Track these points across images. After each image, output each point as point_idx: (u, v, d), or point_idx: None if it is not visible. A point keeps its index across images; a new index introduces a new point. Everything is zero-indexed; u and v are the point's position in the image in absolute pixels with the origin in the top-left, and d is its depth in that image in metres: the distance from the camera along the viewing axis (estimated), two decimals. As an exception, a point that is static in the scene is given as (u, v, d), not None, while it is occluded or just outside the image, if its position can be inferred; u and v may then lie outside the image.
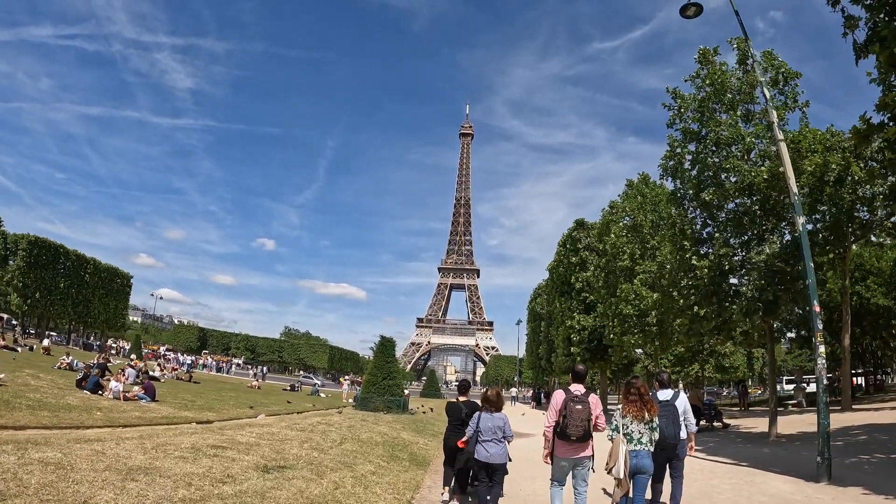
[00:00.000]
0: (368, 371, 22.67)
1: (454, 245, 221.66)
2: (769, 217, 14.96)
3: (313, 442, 10.00)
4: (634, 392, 6.00)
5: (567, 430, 5.57)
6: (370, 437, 11.74)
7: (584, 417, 5.58)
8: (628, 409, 5.96)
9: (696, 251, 15.72)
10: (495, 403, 6.60)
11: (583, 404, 5.61)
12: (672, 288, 16.52)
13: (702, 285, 14.95)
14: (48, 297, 57.92)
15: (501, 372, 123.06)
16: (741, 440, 16.32)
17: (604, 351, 31.90)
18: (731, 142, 15.68)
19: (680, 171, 18.08)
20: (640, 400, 5.95)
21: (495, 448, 6.30)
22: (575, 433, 5.56)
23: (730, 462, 11.87)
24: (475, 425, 6.47)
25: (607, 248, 23.65)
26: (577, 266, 32.52)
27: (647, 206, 23.43)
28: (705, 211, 16.45)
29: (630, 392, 6.05)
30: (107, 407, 14.79)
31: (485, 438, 6.33)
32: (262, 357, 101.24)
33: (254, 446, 8.81)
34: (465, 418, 7.24)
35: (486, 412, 6.52)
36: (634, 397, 5.98)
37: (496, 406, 6.60)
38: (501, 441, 6.36)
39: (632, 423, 5.88)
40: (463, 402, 7.77)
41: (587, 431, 5.62)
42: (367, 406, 20.22)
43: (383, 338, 22.38)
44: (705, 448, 14.71)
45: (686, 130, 17.73)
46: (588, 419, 5.61)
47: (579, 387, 5.90)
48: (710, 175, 16.40)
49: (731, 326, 15.09)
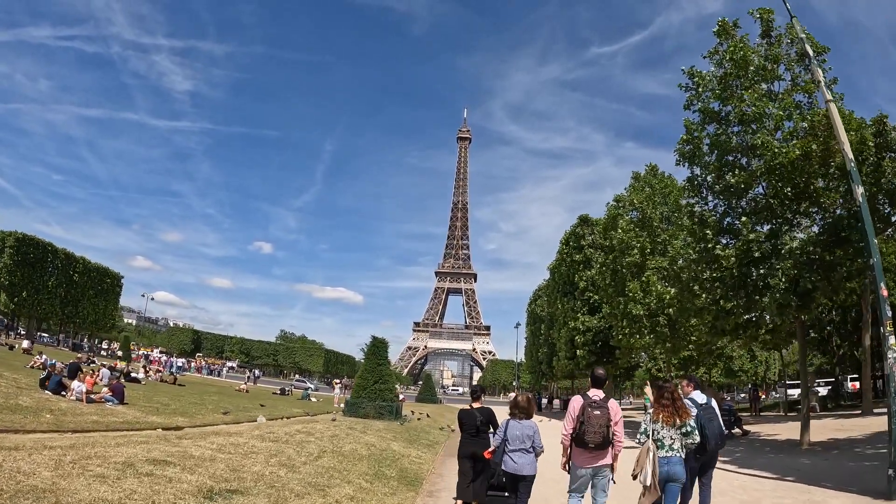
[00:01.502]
0: (359, 374, 20.77)
1: (451, 249, 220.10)
2: (801, 200, 13.48)
3: (284, 456, 8.41)
4: (667, 396, 5.64)
5: (584, 436, 5.30)
6: (354, 450, 10.13)
7: (603, 424, 5.29)
8: (660, 414, 5.60)
9: (719, 240, 14.21)
10: (526, 410, 6.12)
11: (601, 410, 5.34)
12: (692, 282, 15.00)
13: (727, 277, 13.42)
14: (35, 297, 56.24)
15: (499, 376, 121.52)
16: (770, 449, 14.78)
17: (610, 353, 30.35)
18: (758, 118, 14.24)
19: (698, 155, 16.67)
20: (673, 404, 5.59)
21: (524, 458, 5.87)
22: (593, 440, 5.28)
23: (771, 476, 10.31)
24: (503, 433, 6.04)
25: (614, 243, 22.07)
26: (580, 264, 30.99)
27: (657, 197, 21.92)
28: (728, 197, 14.98)
29: (663, 396, 5.68)
30: (63, 409, 13.35)
31: (512, 448, 5.91)
32: (257, 360, 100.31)
33: (206, 462, 7.23)
34: (479, 426, 6.85)
35: (515, 419, 6.06)
36: (667, 401, 5.62)
37: (527, 413, 6.11)
38: (530, 451, 5.91)
39: (663, 429, 5.53)
40: (477, 410, 7.14)
41: (606, 438, 5.31)
42: (356, 412, 18.52)
43: (375, 338, 20.48)
44: (732, 458, 13.17)
45: (705, 111, 16.31)
46: (607, 425, 5.31)
47: (598, 392, 5.58)
48: (734, 156, 14.95)
49: (759, 323, 13.52)
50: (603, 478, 5.47)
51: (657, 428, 5.57)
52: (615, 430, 5.38)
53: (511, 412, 6.17)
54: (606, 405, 5.39)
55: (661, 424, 5.55)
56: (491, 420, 7.01)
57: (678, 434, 5.50)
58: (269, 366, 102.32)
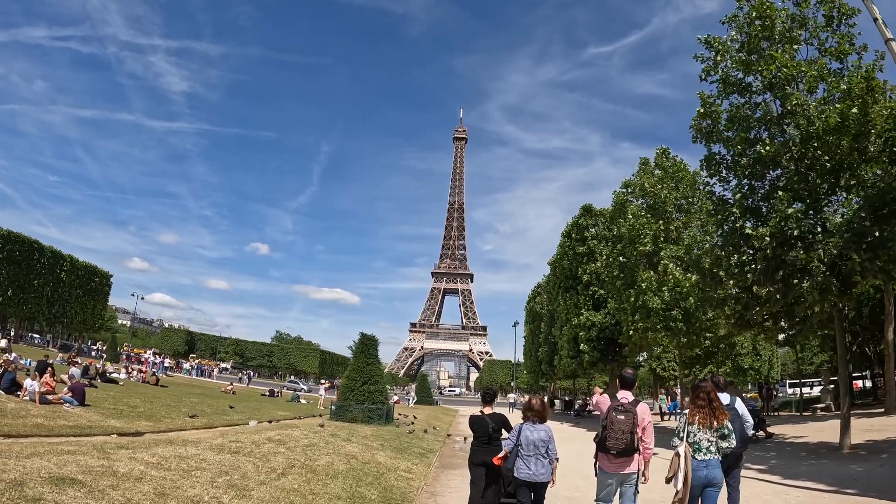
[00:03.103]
0: (346, 374, 18.79)
1: (448, 249, 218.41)
2: (839, 172, 11.92)
3: (238, 473, 6.77)
4: (703, 397, 5.38)
5: (606, 442, 5.03)
6: (329, 464, 8.45)
7: (627, 430, 4.97)
8: (696, 416, 5.34)
9: (747, 220, 12.64)
10: (540, 413, 5.84)
11: (626, 414, 5.02)
12: (716, 268, 13.41)
13: (760, 259, 11.82)
14: (21, 295, 54.28)
15: (496, 377, 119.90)
16: (805, 453, 13.19)
17: (615, 352, 28.77)
18: (789, 81, 12.72)
19: (716, 131, 15.16)
20: (709, 405, 5.33)
21: (538, 464, 5.57)
22: (614, 446, 4.98)
23: (826, 488, 8.71)
24: (515, 438, 5.76)
25: (623, 232, 20.46)
26: (584, 256, 29.36)
27: (669, 181, 20.32)
28: (754, 174, 13.42)
29: (698, 397, 5.41)
30: (7, 410, 11.96)
31: (527, 454, 5.62)
32: (252, 361, 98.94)
33: (129, 482, 5.60)
34: (492, 433, 6.49)
35: (529, 423, 5.78)
36: (703, 402, 5.36)
37: (541, 416, 5.83)
38: (545, 457, 5.61)
39: (700, 431, 5.27)
40: (489, 416, 6.70)
41: (629, 445, 4.97)
42: (343, 416, 16.79)
43: (364, 335, 18.55)
44: (769, 466, 11.58)
45: (726, 80, 14.79)
46: (631, 431, 4.97)
47: (627, 394, 5.32)
48: (761, 128, 13.42)
49: (797, 311, 11.90)
50: (630, 486, 5.13)
51: (693, 430, 5.28)
52: (643, 437, 5.05)
53: (524, 415, 5.85)
54: (633, 409, 5.03)
55: (697, 426, 5.27)
56: (505, 426, 6.57)
57: (716, 436, 5.23)
58: (264, 367, 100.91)
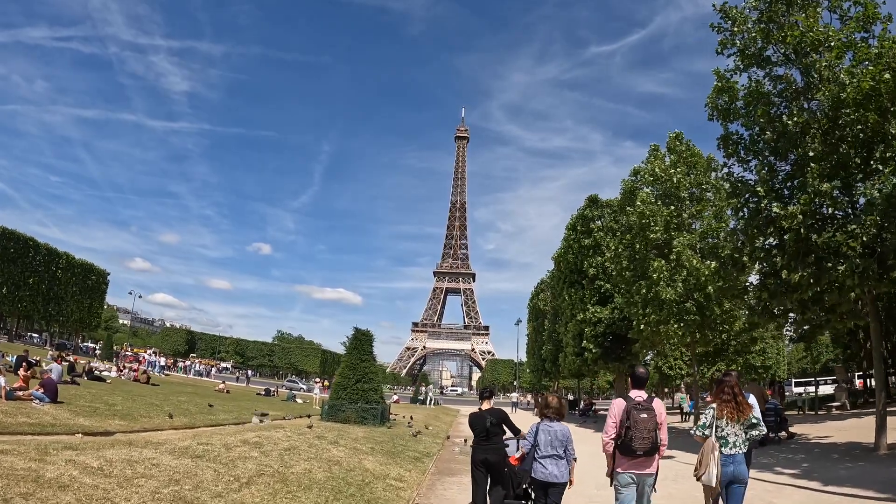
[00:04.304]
0: (338, 372, 17.62)
1: (450, 249, 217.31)
2: (873, 144, 10.82)
3: (190, 483, 5.70)
4: (728, 391, 5.24)
5: (632, 443, 4.78)
6: (306, 472, 7.36)
7: (651, 427, 4.81)
8: (722, 410, 5.21)
9: (773, 198, 11.54)
10: (558, 411, 5.68)
11: (648, 412, 4.87)
12: (738, 253, 12.29)
13: (791, 241, 10.70)
14: (16, 293, 53.36)
15: (498, 377, 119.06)
16: (838, 455, 12.05)
17: (621, 349, 27.61)
18: (816, 46, 11.64)
19: (734, 109, 14.11)
20: (735, 399, 5.19)
21: (556, 465, 5.38)
22: (641, 446, 4.77)
23: (877, 496, 7.60)
24: (532, 438, 5.54)
25: (633, 220, 19.30)
26: (590, 249, 28.19)
27: (682, 165, 19.15)
28: (777, 150, 12.34)
29: (724, 391, 5.28)
30: None
31: (544, 454, 5.41)
32: (252, 361, 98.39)
33: (49, 490, 4.56)
34: (490, 428, 6.29)
35: (546, 422, 5.57)
36: (728, 396, 5.22)
37: (559, 414, 5.68)
38: (562, 456, 5.42)
39: (727, 426, 5.13)
40: (487, 411, 6.51)
41: (654, 443, 4.83)
42: (335, 416, 15.67)
43: (357, 330, 17.40)
44: (801, 470, 10.46)
45: (745, 51, 13.73)
46: (655, 429, 4.84)
47: (641, 392, 5.09)
48: (784, 102, 12.35)
49: (828, 298, 10.75)
50: (650, 487, 5.00)
51: (721, 424, 5.19)
52: (660, 434, 4.94)
53: (542, 413, 5.71)
54: (652, 406, 4.95)
55: (725, 421, 5.18)
56: (504, 421, 6.31)
57: (741, 430, 5.18)
58: (265, 367, 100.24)
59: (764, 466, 11.03)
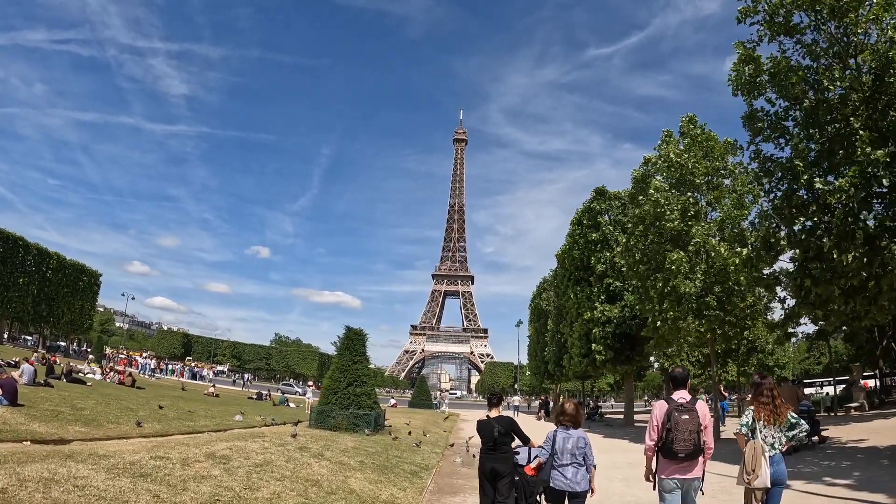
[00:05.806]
0: (329, 374, 16.21)
1: (448, 252, 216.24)
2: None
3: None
4: (767, 393, 5.26)
5: (674, 445, 4.65)
6: (274, 497, 6.05)
7: (694, 429, 4.68)
8: (760, 412, 5.23)
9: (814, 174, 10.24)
10: (574, 418, 5.40)
11: (690, 413, 4.71)
12: (773, 237, 10.99)
13: (837, 220, 9.40)
14: (5, 294, 51.94)
15: (498, 379, 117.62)
16: (888, 461, 10.70)
17: (631, 349, 26.26)
18: (854, 7, 10.41)
19: (760, 84, 12.88)
20: (772, 402, 5.22)
21: (576, 473, 5.12)
22: (683, 449, 4.63)
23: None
24: (550, 446, 5.30)
25: (646, 209, 17.97)
26: (598, 244, 26.85)
27: (697, 149, 17.84)
28: (817, 122, 11.06)
29: (762, 394, 5.29)
30: None
31: (562, 463, 5.16)
32: (249, 364, 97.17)
33: None
34: (497, 438, 5.84)
35: (563, 429, 5.31)
36: (766, 399, 5.24)
37: (575, 421, 5.40)
38: (582, 464, 5.15)
39: (765, 428, 5.16)
40: (495, 419, 6.00)
41: (697, 446, 4.68)
42: (325, 423, 14.24)
43: (349, 329, 16.06)
44: (851, 479, 9.09)
45: (771, 20, 12.50)
46: (698, 431, 4.69)
47: (683, 393, 4.95)
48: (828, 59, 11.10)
49: (882, 283, 9.40)
50: (696, 491, 4.80)
51: (759, 427, 5.17)
52: (704, 437, 4.73)
53: (557, 420, 5.56)
54: (695, 408, 4.76)
55: (762, 423, 5.16)
56: (513, 429, 5.98)
57: (779, 432, 5.13)
58: (262, 370, 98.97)
59: (809, 476, 9.68)
